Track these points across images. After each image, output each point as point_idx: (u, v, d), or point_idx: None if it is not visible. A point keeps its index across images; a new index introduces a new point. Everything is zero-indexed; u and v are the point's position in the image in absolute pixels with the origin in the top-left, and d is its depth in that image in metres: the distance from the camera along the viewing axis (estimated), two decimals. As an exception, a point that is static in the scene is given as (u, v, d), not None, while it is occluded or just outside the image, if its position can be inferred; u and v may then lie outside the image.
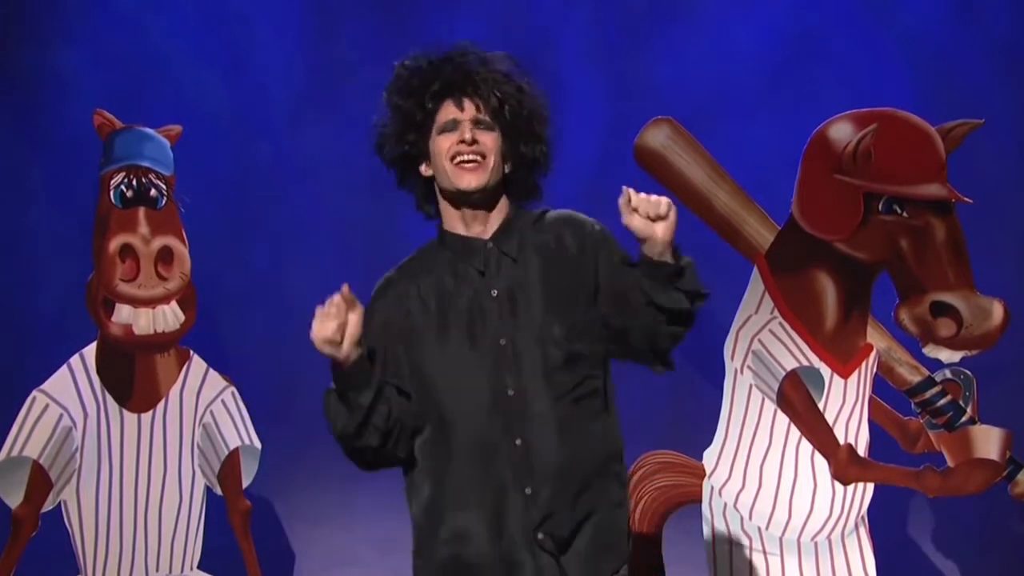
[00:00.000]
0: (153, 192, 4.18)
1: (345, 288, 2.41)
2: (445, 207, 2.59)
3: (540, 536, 2.48)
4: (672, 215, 2.39)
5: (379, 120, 2.62)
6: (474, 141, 2.51)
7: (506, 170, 2.56)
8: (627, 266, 2.53)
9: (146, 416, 4.20)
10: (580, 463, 2.51)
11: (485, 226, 2.57)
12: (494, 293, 2.53)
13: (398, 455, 2.53)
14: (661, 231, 2.39)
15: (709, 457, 3.98)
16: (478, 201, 2.55)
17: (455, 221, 2.58)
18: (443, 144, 2.53)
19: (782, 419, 3.87)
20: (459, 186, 2.52)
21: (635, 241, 2.44)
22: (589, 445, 2.52)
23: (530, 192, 2.61)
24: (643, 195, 2.41)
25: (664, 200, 2.38)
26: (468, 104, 2.54)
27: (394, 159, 2.61)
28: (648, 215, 2.38)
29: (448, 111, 2.54)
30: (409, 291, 2.56)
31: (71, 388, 4.18)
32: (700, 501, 3.97)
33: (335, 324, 2.38)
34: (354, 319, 2.40)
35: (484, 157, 2.52)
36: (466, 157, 2.51)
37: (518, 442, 2.49)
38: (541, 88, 2.65)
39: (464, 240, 2.57)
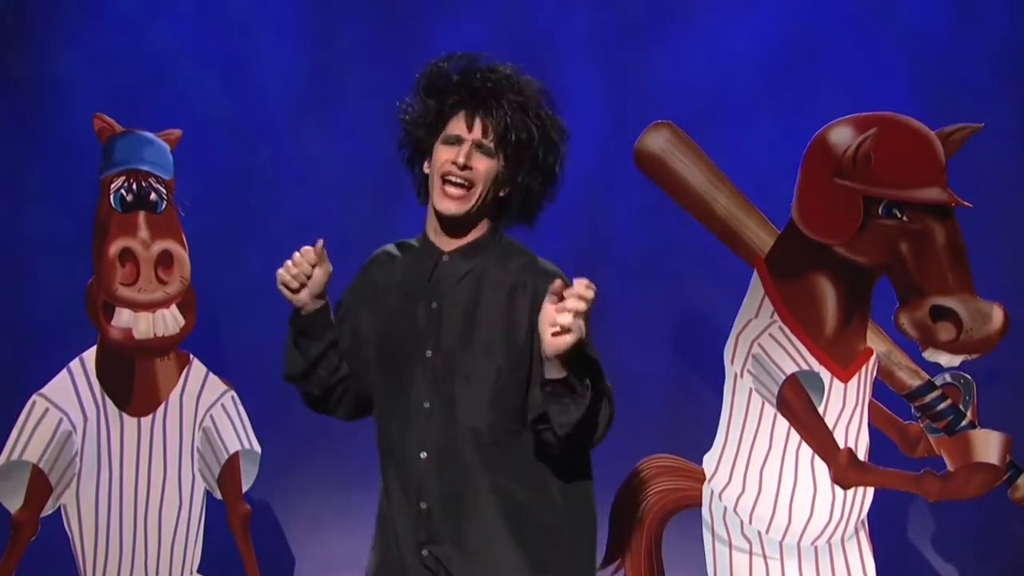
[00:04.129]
0: (153, 196, 4.17)
1: (319, 243, 2.54)
2: (429, 207, 2.61)
3: (424, 553, 2.49)
4: (574, 333, 2.23)
5: (408, 100, 2.61)
6: (465, 167, 2.49)
7: (500, 195, 2.55)
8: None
9: (146, 420, 4.19)
10: (473, 491, 2.47)
11: (452, 240, 2.57)
12: (433, 305, 2.53)
13: (338, 414, 2.69)
14: (559, 346, 2.26)
15: (709, 461, 3.97)
16: (453, 224, 2.55)
17: (431, 224, 2.61)
18: (441, 156, 2.53)
19: (782, 423, 3.86)
20: (439, 208, 2.53)
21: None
22: (489, 483, 2.47)
23: (522, 220, 2.60)
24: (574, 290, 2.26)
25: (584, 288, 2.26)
26: (477, 124, 2.52)
27: (404, 144, 2.64)
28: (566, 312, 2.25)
29: (457, 125, 2.53)
30: (385, 272, 2.64)
31: (71, 392, 4.17)
32: (700, 505, 3.96)
33: (298, 271, 2.50)
34: (319, 273, 2.52)
35: (472, 185, 2.51)
36: (454, 180, 2.51)
37: (423, 455, 2.48)
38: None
39: (429, 245, 2.59)
